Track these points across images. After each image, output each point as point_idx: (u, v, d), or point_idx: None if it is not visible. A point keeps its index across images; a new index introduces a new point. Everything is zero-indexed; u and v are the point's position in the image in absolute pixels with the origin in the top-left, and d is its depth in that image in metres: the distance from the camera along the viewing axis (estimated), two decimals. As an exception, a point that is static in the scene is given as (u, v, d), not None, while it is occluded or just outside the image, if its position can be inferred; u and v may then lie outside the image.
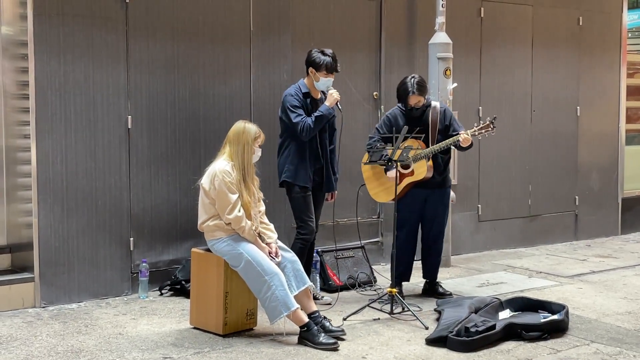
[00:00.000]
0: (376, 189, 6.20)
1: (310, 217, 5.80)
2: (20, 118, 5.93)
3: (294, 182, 5.74)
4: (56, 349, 4.85)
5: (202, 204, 5.16)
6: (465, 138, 5.89)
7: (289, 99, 5.73)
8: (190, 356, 4.74)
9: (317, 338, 4.91)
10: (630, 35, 9.95)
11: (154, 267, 6.28)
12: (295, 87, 5.81)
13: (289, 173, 5.74)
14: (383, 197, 6.20)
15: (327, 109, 5.69)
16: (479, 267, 7.60)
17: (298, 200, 5.77)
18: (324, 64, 5.66)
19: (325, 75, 5.68)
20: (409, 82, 6.00)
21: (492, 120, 5.98)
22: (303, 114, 5.67)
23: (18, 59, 5.92)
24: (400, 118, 6.10)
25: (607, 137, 9.46)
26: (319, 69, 5.68)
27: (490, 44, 8.31)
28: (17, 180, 6.03)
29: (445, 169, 6.20)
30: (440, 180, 6.14)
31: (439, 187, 6.16)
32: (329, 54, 5.70)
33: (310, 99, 5.79)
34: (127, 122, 6.15)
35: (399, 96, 6.08)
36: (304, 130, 5.62)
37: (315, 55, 5.71)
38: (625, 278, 7.13)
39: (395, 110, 6.20)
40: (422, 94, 6.00)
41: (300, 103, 5.71)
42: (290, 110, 5.68)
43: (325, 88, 5.77)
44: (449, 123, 6.12)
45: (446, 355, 4.82)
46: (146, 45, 6.20)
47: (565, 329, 5.32)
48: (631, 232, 9.72)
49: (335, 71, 5.72)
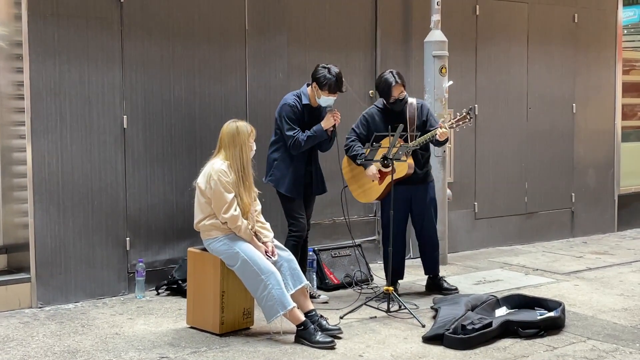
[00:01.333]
0: (357, 190, 6.20)
1: (301, 214, 5.82)
2: (16, 118, 5.92)
3: (276, 188, 5.79)
4: (53, 349, 4.85)
5: (198, 204, 5.16)
6: (442, 132, 5.86)
7: (286, 109, 5.72)
8: (187, 356, 4.74)
9: (314, 337, 4.92)
10: (626, 32, 9.94)
11: (151, 267, 6.28)
12: (295, 97, 5.78)
13: (274, 178, 5.80)
14: (364, 197, 6.21)
15: (321, 130, 5.68)
16: (475, 264, 7.61)
17: (286, 198, 5.79)
18: (328, 84, 5.63)
19: (327, 94, 5.67)
20: (388, 74, 6.02)
21: (469, 112, 5.96)
22: (297, 128, 5.67)
23: (13, 59, 5.92)
24: (377, 116, 6.10)
25: (603, 134, 9.47)
26: (322, 87, 5.66)
27: (485, 41, 8.31)
28: (12, 180, 6.02)
29: (426, 164, 6.19)
30: (422, 175, 6.13)
31: (422, 183, 6.15)
32: (334, 73, 5.65)
33: (309, 109, 5.79)
34: (123, 122, 6.14)
35: (381, 91, 6.07)
36: (294, 147, 5.66)
37: (321, 73, 5.66)
38: (621, 275, 7.14)
39: (371, 110, 6.19)
40: (403, 83, 6.02)
41: (297, 116, 5.71)
42: (285, 122, 5.68)
43: (326, 105, 5.78)
44: (426, 118, 6.12)
45: (443, 352, 4.83)
46: (141, 45, 6.20)
47: (561, 326, 5.33)
48: (627, 228, 9.73)
49: (339, 91, 5.71)
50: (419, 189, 6.15)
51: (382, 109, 6.12)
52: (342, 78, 5.70)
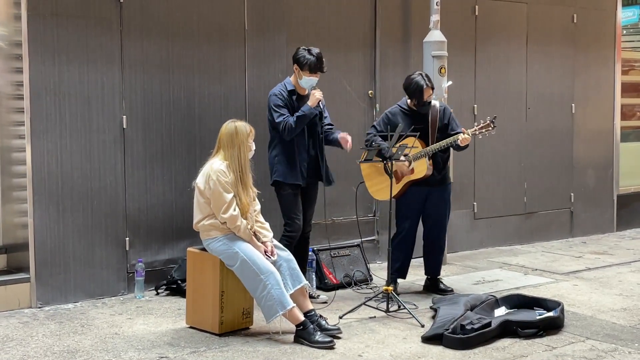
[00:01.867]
0: (376, 187, 6.20)
1: (298, 215, 5.81)
2: (15, 118, 5.92)
3: (284, 182, 5.75)
4: (52, 349, 4.85)
5: (198, 204, 5.17)
6: (464, 138, 5.91)
7: (273, 98, 5.75)
8: (187, 355, 4.75)
9: (313, 337, 4.92)
10: (625, 33, 9.95)
11: (150, 267, 6.28)
12: (281, 86, 5.83)
13: (279, 173, 5.76)
14: (382, 194, 6.20)
15: (309, 108, 5.68)
16: (474, 264, 7.61)
17: (287, 197, 5.78)
18: (308, 63, 5.66)
19: (308, 74, 5.69)
20: (419, 77, 6.04)
21: (493, 120, 6.03)
22: (286, 114, 5.68)
23: (12, 59, 5.92)
24: (400, 117, 6.10)
25: (603, 134, 9.47)
26: (303, 67, 5.69)
27: (485, 41, 8.32)
28: (12, 180, 6.02)
29: (445, 167, 6.22)
30: (439, 178, 6.17)
31: (439, 185, 6.18)
32: (315, 53, 5.69)
33: (297, 95, 5.80)
34: (122, 122, 6.15)
35: (411, 93, 6.05)
36: (286, 130, 5.64)
37: (301, 54, 5.72)
38: (620, 275, 7.15)
39: (395, 109, 6.20)
40: (432, 86, 6.09)
41: (284, 102, 5.72)
42: (273, 110, 5.70)
43: (309, 87, 5.77)
44: (448, 122, 6.15)
45: (442, 352, 4.83)
46: (141, 45, 6.20)
47: (560, 325, 5.34)
48: (627, 228, 9.73)
49: (319, 71, 5.72)
50: (435, 190, 6.18)
51: (406, 109, 6.13)
52: (322, 58, 5.72)
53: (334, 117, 6.30)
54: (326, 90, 7.15)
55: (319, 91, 5.74)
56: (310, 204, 5.97)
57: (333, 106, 6.72)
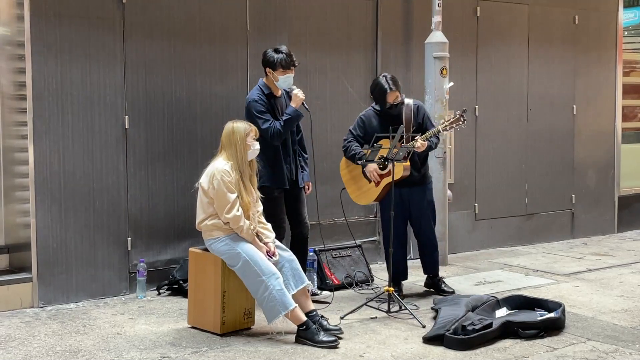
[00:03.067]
0: (355, 192, 6.22)
1: (284, 219, 5.79)
2: (18, 119, 5.93)
3: (272, 186, 5.72)
4: (54, 348, 4.86)
5: (201, 203, 5.18)
6: (419, 145, 5.82)
7: (253, 104, 5.66)
8: (188, 355, 4.76)
9: (317, 336, 4.93)
10: (626, 34, 9.96)
11: (152, 267, 6.29)
12: (257, 90, 5.75)
13: (266, 177, 5.70)
14: (363, 199, 6.22)
15: (294, 110, 5.66)
16: (475, 265, 7.62)
17: (271, 202, 5.67)
18: (278, 61, 5.63)
19: (282, 72, 5.66)
20: (382, 80, 6.00)
21: (462, 113, 5.97)
22: (270, 119, 5.63)
23: (15, 59, 5.93)
24: (374, 119, 6.10)
25: (603, 135, 9.48)
26: (275, 67, 5.65)
27: (486, 43, 8.32)
28: (14, 180, 6.04)
29: (423, 166, 6.19)
30: (419, 177, 6.13)
31: (419, 185, 6.15)
32: (283, 50, 5.67)
33: (273, 98, 5.76)
34: (124, 122, 6.16)
35: (375, 97, 6.06)
36: (275, 136, 5.60)
37: (269, 55, 5.69)
38: (621, 276, 7.15)
39: (368, 112, 6.19)
40: (398, 89, 6.00)
41: (265, 107, 5.67)
42: (257, 117, 5.61)
43: (287, 86, 5.74)
44: (422, 120, 6.12)
45: (443, 353, 4.84)
46: (143, 46, 6.21)
47: (561, 326, 5.34)
48: (627, 230, 9.74)
49: (292, 66, 5.69)
50: (416, 190, 6.15)
51: (379, 111, 6.13)
52: (291, 53, 5.70)
53: (336, 118, 6.33)
54: (328, 90, 7.22)
55: (300, 91, 5.70)
56: (301, 204, 5.93)
57: (334, 107, 6.76)
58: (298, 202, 5.93)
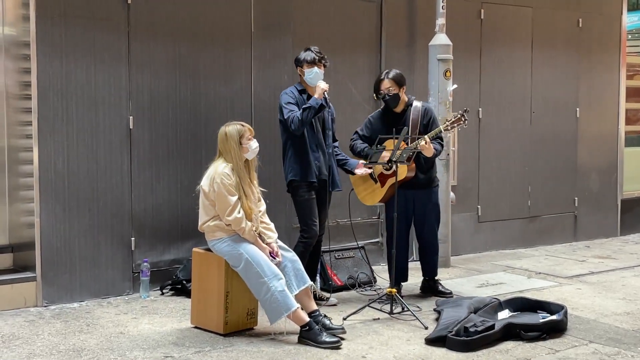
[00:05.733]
0: (362, 193, 6.25)
1: (315, 221, 5.81)
2: (23, 118, 5.95)
3: (301, 180, 5.75)
4: (58, 347, 4.88)
5: (203, 205, 5.19)
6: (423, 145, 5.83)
7: (283, 96, 5.82)
8: (191, 355, 4.77)
9: (320, 337, 4.93)
10: (630, 37, 9.96)
11: (155, 267, 6.31)
12: (292, 87, 5.91)
13: (295, 172, 5.76)
14: (369, 200, 6.25)
15: (315, 100, 5.70)
16: (478, 267, 7.63)
17: (303, 203, 5.78)
18: (304, 58, 5.79)
19: (308, 66, 5.76)
20: (382, 72, 6.19)
21: (464, 113, 5.99)
22: (295, 109, 5.71)
23: (20, 59, 5.95)
24: (380, 120, 6.16)
25: (607, 138, 9.49)
26: (302, 64, 5.79)
27: (490, 45, 8.33)
28: (19, 180, 6.06)
29: (430, 169, 6.21)
30: (424, 180, 6.15)
31: (424, 187, 6.17)
32: (312, 49, 5.83)
33: (307, 95, 5.83)
34: (129, 122, 6.18)
35: (374, 88, 6.19)
36: (293, 123, 5.64)
37: (299, 54, 5.88)
38: (624, 279, 7.16)
39: (376, 113, 6.29)
40: (394, 81, 6.05)
41: (295, 100, 5.78)
42: (283, 107, 5.75)
43: (316, 81, 5.80)
44: (428, 122, 6.13)
45: (445, 354, 4.85)
46: (147, 46, 6.23)
47: (563, 329, 5.35)
48: (630, 233, 9.74)
49: (318, 62, 5.79)
50: (422, 193, 6.17)
51: (385, 112, 6.17)
52: (319, 50, 5.84)
53: (339, 119, 6.32)
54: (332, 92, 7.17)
55: (324, 82, 5.78)
56: (322, 206, 5.96)
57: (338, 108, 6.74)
58: (321, 204, 5.92)
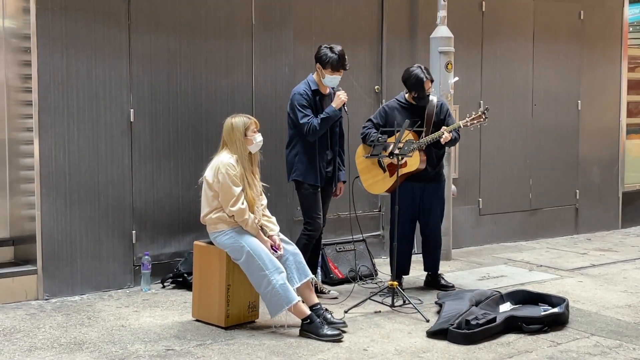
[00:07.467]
0: (370, 181, 6.23)
1: (319, 214, 5.81)
2: (23, 111, 5.95)
3: (304, 181, 5.76)
4: (59, 340, 4.88)
5: (205, 197, 5.18)
6: (445, 137, 5.90)
7: (297, 97, 5.72)
8: (193, 348, 4.77)
9: (321, 330, 4.94)
10: (632, 30, 9.93)
11: (156, 260, 6.31)
12: (305, 85, 5.80)
13: (299, 172, 5.76)
14: (376, 188, 6.24)
15: (333, 110, 5.69)
16: (479, 260, 7.63)
17: (307, 196, 5.79)
18: (330, 61, 5.65)
19: (330, 72, 5.69)
20: (418, 70, 6.04)
21: (484, 111, 6.01)
22: (310, 114, 5.67)
23: (21, 52, 5.94)
24: (397, 111, 6.12)
25: (608, 131, 9.47)
26: (325, 66, 5.69)
27: (491, 38, 8.32)
28: (20, 173, 6.05)
29: (439, 163, 6.21)
30: (433, 173, 6.17)
31: (432, 181, 6.18)
32: (337, 51, 5.68)
33: (320, 96, 5.80)
34: (130, 115, 6.17)
35: (411, 86, 6.05)
36: (310, 132, 5.63)
37: (323, 52, 5.70)
38: (625, 271, 7.16)
39: (392, 103, 6.22)
40: (432, 79, 6.09)
41: (309, 102, 5.71)
42: (298, 110, 5.67)
43: (332, 86, 5.78)
44: (444, 117, 6.14)
45: (447, 347, 4.85)
46: (148, 39, 6.22)
47: (565, 321, 5.35)
48: (632, 225, 9.74)
49: (342, 69, 5.72)
50: (429, 186, 6.18)
51: (404, 103, 6.14)
52: (344, 56, 5.72)
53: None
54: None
55: (343, 93, 5.74)
56: (325, 201, 5.96)
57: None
58: (324, 199, 5.92)
